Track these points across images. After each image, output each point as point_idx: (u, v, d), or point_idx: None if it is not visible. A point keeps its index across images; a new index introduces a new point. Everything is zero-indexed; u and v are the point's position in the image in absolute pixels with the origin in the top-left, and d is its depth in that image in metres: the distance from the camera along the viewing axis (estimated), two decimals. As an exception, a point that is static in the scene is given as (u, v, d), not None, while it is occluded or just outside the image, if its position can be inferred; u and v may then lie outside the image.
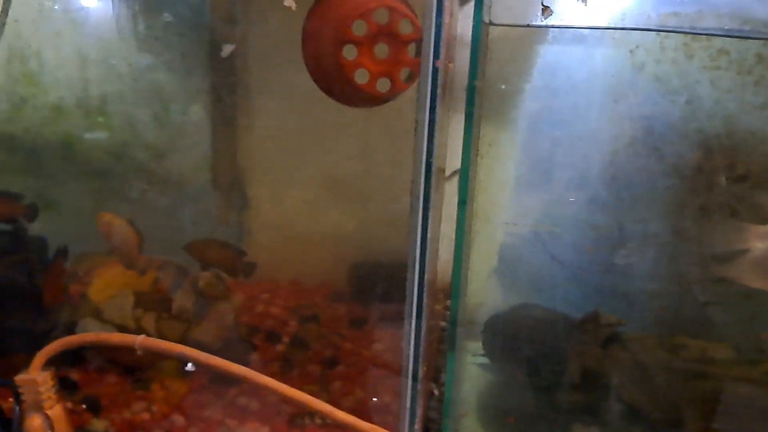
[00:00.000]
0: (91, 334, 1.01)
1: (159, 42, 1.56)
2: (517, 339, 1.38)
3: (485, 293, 1.37)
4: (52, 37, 1.50)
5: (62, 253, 1.22)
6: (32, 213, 1.43)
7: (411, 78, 0.90)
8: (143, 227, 1.62)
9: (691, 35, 1.17)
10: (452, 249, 1.18)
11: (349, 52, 0.89)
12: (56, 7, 1.51)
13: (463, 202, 1.09)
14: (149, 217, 1.65)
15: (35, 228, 1.48)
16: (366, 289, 1.70)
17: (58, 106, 1.59)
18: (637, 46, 1.27)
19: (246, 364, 0.98)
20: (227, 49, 1.36)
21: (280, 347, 1.47)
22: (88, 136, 1.61)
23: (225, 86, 1.62)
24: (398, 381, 1.35)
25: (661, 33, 1.25)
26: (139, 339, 0.95)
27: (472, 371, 1.38)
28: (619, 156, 1.35)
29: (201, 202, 1.69)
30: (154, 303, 1.37)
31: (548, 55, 1.26)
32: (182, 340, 1.36)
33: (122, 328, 1.31)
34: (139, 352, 0.95)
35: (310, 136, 1.65)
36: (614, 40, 1.25)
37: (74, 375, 1.29)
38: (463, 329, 1.30)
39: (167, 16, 1.54)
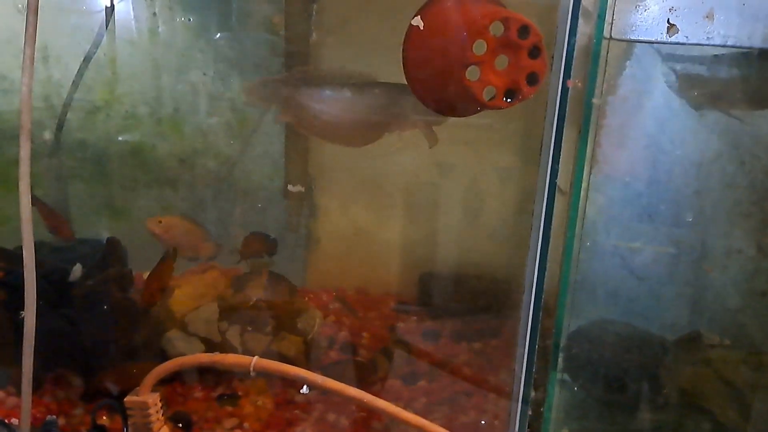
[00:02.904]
0: (205, 355, 1.00)
1: (233, 51, 1.55)
2: (601, 356, 1.36)
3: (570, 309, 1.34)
4: (125, 45, 1.49)
5: (173, 255, 1.21)
6: None
7: (535, 81, 0.87)
8: (214, 235, 1.61)
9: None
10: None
11: (472, 74, 0.87)
12: (128, 16, 1.50)
13: (574, 220, 1.06)
14: (219, 225, 1.64)
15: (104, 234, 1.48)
16: (435, 301, 1.68)
17: (132, 114, 1.58)
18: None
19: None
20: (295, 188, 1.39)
21: (357, 359, 1.45)
22: (159, 144, 1.60)
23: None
24: (482, 398, 1.34)
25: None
26: (254, 361, 0.93)
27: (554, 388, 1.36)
28: (704, 170, 1.32)
29: (270, 210, 1.69)
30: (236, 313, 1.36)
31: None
32: (266, 353, 1.36)
33: (208, 341, 1.30)
34: (252, 374, 0.93)
35: (379, 146, 1.63)
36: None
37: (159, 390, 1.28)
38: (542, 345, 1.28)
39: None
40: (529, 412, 1.20)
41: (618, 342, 1.36)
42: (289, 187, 1.35)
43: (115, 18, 1.37)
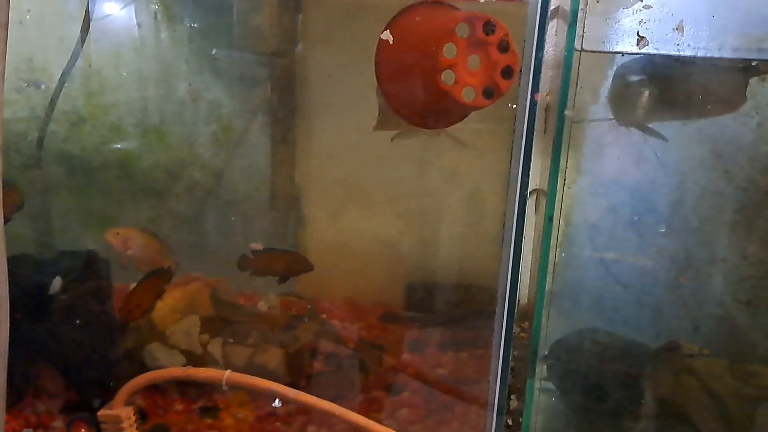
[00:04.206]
0: (177, 369, 1.00)
1: (218, 62, 1.55)
2: (585, 365, 1.35)
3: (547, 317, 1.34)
4: (112, 56, 1.50)
5: (164, 273, 1.20)
6: None
7: (510, 74, 0.87)
8: (199, 246, 1.61)
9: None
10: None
11: (448, 77, 0.87)
12: (115, 27, 1.50)
13: (549, 231, 1.06)
14: (205, 236, 1.64)
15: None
16: (422, 310, 1.68)
17: (117, 126, 1.58)
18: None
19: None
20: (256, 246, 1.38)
21: (340, 370, 1.45)
22: (145, 155, 1.61)
23: (283, 106, 1.61)
24: (467, 408, 1.34)
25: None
26: (226, 375, 0.93)
27: (536, 397, 1.35)
28: (687, 178, 1.32)
29: (257, 220, 1.69)
30: (218, 326, 1.36)
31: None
32: (247, 365, 1.35)
33: (189, 354, 1.30)
34: (225, 388, 0.93)
35: (367, 156, 1.64)
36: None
37: (140, 402, 1.28)
38: (524, 353, 1.28)
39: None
40: (510, 422, 1.20)
41: (601, 351, 1.36)
42: (251, 245, 1.35)
43: (91, 33, 1.37)
